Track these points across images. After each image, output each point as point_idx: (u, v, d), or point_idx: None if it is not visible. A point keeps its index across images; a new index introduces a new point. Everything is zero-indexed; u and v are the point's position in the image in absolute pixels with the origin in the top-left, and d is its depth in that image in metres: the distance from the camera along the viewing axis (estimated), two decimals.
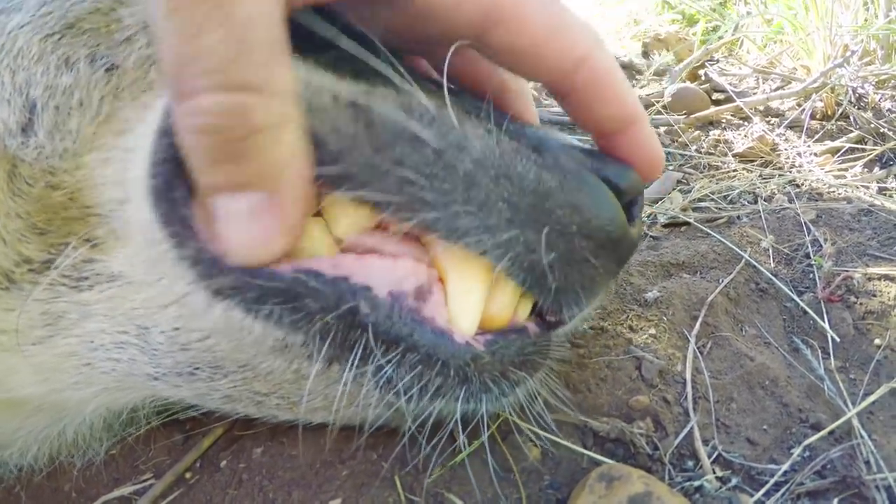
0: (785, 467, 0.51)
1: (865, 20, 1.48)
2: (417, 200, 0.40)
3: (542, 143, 0.47)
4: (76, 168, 0.45)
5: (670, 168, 1.06)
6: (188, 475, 0.56)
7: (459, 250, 0.42)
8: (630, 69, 1.60)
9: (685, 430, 0.52)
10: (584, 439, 0.50)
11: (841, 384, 0.62)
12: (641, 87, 1.49)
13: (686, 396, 0.55)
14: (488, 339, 0.44)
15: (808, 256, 0.80)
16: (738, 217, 0.89)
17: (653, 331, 0.62)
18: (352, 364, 0.42)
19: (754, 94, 1.42)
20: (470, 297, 0.43)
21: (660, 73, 1.55)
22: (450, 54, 0.43)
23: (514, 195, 0.42)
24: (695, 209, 0.91)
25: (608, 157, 0.50)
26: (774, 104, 1.32)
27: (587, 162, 0.48)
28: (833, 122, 1.25)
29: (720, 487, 0.49)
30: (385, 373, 0.42)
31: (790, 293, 0.73)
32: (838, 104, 1.29)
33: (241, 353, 0.44)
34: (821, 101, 1.27)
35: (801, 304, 0.72)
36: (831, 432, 0.56)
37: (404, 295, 0.42)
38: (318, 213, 0.44)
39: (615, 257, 0.48)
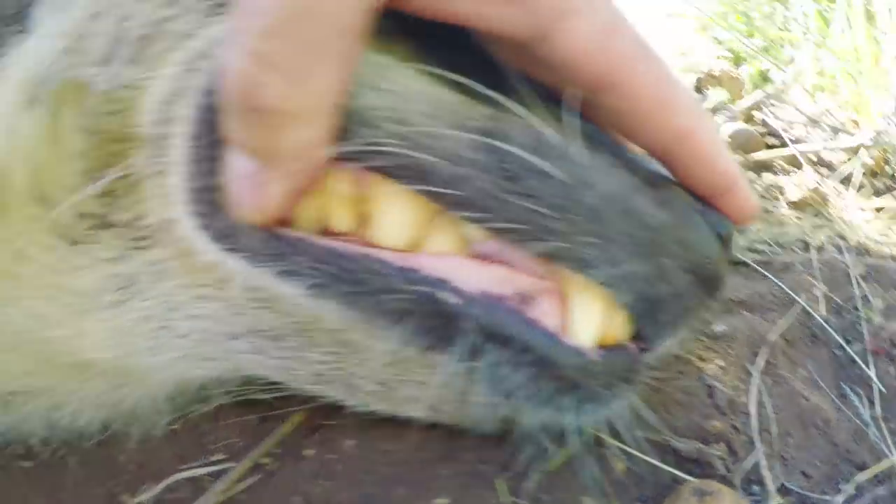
0: (839, 499, 0.57)
1: None
2: (543, 229, 0.43)
3: (655, 177, 0.51)
4: (138, 96, 0.46)
5: None
6: (266, 461, 0.54)
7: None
8: None
9: (753, 457, 0.57)
10: (663, 457, 0.56)
11: (885, 431, 0.67)
12: None
13: (751, 427, 0.61)
14: (600, 352, 0.47)
15: (856, 308, 0.85)
16: (792, 263, 0.95)
17: (720, 362, 0.68)
18: (454, 354, 0.44)
19: (804, 140, 1.47)
20: (591, 313, 0.47)
21: (713, 110, 1.60)
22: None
23: (635, 230, 0.46)
24: (751, 250, 0.97)
25: (705, 204, 0.53)
26: (825, 154, 1.37)
27: (692, 201, 0.51)
28: (881, 179, 1.30)
29: None
30: (499, 371, 0.44)
31: (840, 341, 0.79)
32: (886, 162, 1.34)
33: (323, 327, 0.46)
34: (871, 158, 1.32)
35: (850, 352, 0.77)
36: (875, 475, 0.62)
37: (503, 296, 0.44)
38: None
39: (710, 293, 0.53)
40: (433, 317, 0.44)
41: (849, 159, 1.37)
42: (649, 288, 0.47)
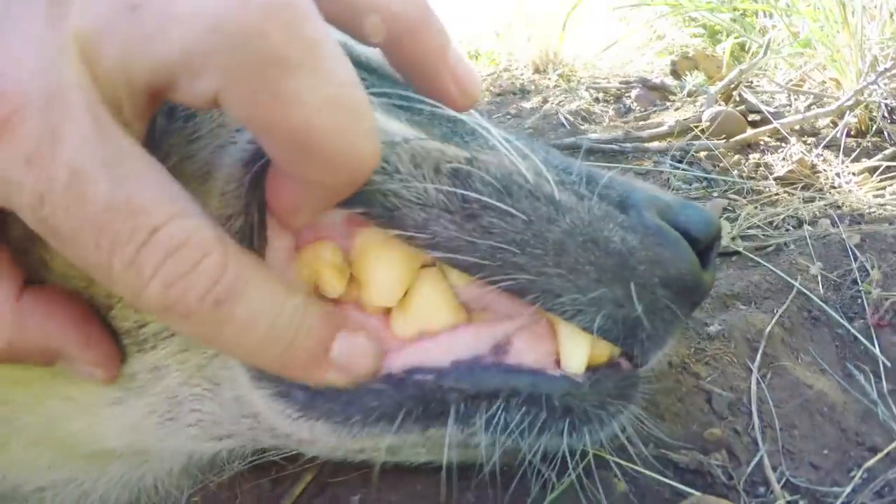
0: (848, 490, 0.57)
1: (893, 32, 1.51)
2: (508, 265, 0.45)
3: (626, 198, 0.52)
4: None
5: (715, 195, 1.11)
6: None
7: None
8: (662, 90, 1.65)
9: (756, 459, 0.57)
10: (663, 472, 0.56)
11: (894, 408, 0.67)
12: (676, 110, 1.54)
13: (753, 426, 0.61)
14: (587, 374, 0.49)
15: (855, 283, 0.85)
16: (786, 244, 0.95)
17: (717, 364, 0.68)
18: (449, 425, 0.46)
19: (787, 111, 1.46)
20: (578, 342, 0.48)
21: (692, 94, 1.60)
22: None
23: (600, 258, 0.47)
24: (742, 237, 0.97)
25: (688, 205, 0.55)
26: (808, 122, 1.37)
27: (667, 211, 0.53)
28: (868, 138, 1.29)
29: None
30: (497, 420, 0.47)
31: (841, 320, 0.79)
32: (871, 120, 1.33)
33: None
34: (855, 118, 1.31)
35: (853, 330, 0.77)
36: (887, 454, 0.61)
37: (477, 357, 0.47)
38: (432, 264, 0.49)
39: (690, 302, 0.54)
40: (416, 403, 0.46)
41: (833, 124, 1.36)
42: (619, 310, 0.48)
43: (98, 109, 0.34)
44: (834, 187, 1.15)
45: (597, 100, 1.69)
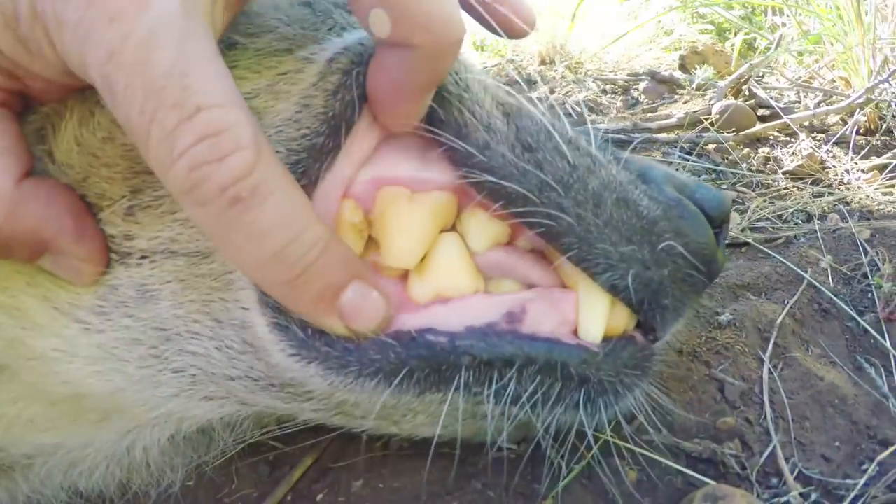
0: (861, 482, 0.56)
1: None
2: (550, 203, 0.45)
3: (646, 172, 0.53)
4: None
5: (724, 187, 1.10)
6: None
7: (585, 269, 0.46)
8: (671, 83, 1.64)
9: (769, 449, 0.56)
10: (675, 461, 0.55)
11: None
12: (685, 103, 1.53)
13: (765, 416, 0.60)
14: (604, 344, 0.48)
15: (865, 276, 0.84)
16: (796, 237, 0.94)
17: (728, 353, 0.67)
18: (457, 390, 0.45)
19: (796, 107, 1.45)
20: (597, 309, 0.48)
21: (700, 88, 1.59)
22: None
23: (631, 218, 0.48)
24: (752, 229, 0.96)
25: (701, 185, 0.56)
26: (818, 119, 1.36)
27: (683, 188, 0.54)
28: (877, 137, 1.28)
29: (803, 503, 0.53)
30: (509, 391, 0.45)
31: (852, 313, 0.78)
32: (881, 118, 1.32)
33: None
34: (864, 116, 1.31)
35: (863, 323, 0.76)
36: None
37: (491, 323, 0.46)
38: (453, 228, 0.49)
39: (706, 276, 0.53)
40: (422, 363, 0.45)
41: (843, 121, 1.35)
42: (647, 272, 0.48)
43: None
44: (843, 183, 1.14)
45: (604, 91, 1.68)
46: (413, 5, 0.38)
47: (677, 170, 1.18)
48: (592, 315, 0.47)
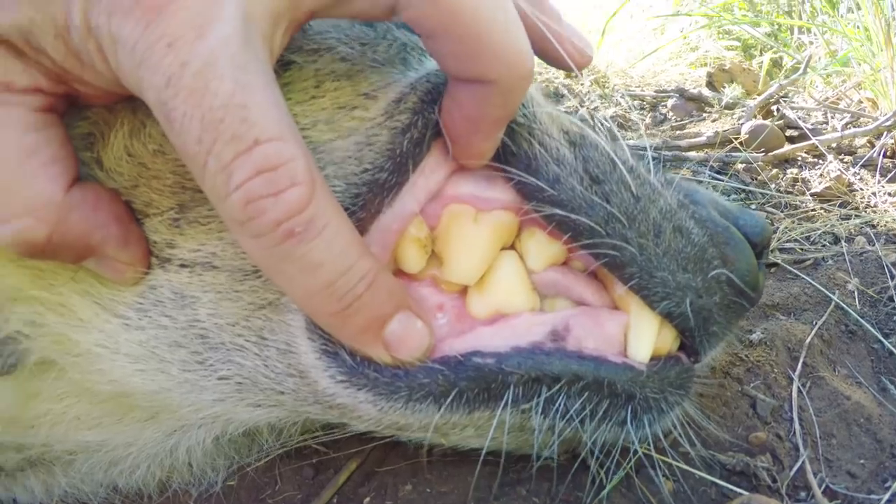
0: (885, 498, 0.59)
1: None
2: (619, 237, 0.47)
3: (692, 196, 0.54)
4: None
5: (753, 207, 1.13)
6: None
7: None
8: (699, 101, 1.67)
9: (797, 464, 0.60)
10: (710, 472, 0.59)
11: None
12: (713, 121, 1.56)
13: (794, 433, 0.63)
14: (651, 364, 0.50)
15: (891, 300, 0.87)
16: (824, 259, 0.97)
17: (759, 371, 0.70)
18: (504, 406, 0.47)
19: (823, 128, 1.48)
20: (648, 331, 0.50)
21: (729, 107, 1.61)
22: None
23: (685, 246, 0.50)
24: (781, 250, 0.99)
25: (745, 211, 0.57)
26: (846, 141, 1.38)
27: (727, 214, 0.55)
28: None
29: None
30: (557, 406, 0.47)
31: (878, 335, 0.81)
32: None
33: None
34: (892, 139, 1.33)
35: (888, 345, 0.79)
36: None
37: (536, 343, 0.48)
38: (512, 245, 0.51)
39: (749, 301, 0.55)
40: (471, 384, 0.46)
41: (870, 143, 1.37)
42: (700, 300, 0.50)
43: (251, 18, 0.36)
44: (870, 206, 1.16)
45: (632, 107, 1.71)
46: (489, 41, 0.39)
47: (706, 189, 1.21)
48: (643, 336, 0.50)
